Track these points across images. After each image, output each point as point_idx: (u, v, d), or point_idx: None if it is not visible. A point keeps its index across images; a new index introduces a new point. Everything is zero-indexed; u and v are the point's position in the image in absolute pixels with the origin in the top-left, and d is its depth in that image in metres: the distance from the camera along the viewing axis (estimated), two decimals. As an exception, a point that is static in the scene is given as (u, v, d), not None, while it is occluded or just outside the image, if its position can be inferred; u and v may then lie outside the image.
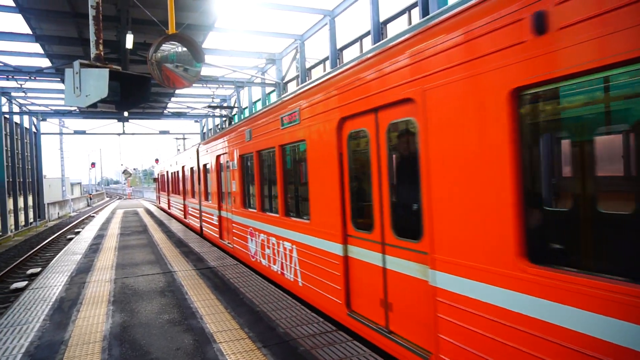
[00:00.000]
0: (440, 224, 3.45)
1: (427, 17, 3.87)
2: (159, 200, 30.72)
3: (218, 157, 11.39)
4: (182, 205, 18.72)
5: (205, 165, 13.35)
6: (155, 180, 30.70)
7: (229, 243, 10.74)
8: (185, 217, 18.26)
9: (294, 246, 6.56)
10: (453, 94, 3.26)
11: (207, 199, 13.23)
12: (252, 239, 8.67)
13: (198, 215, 14.94)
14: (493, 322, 2.95)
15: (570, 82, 2.55)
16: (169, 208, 23.51)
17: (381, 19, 12.87)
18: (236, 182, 9.61)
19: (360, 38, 14.54)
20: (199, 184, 14.28)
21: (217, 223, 11.94)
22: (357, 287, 4.86)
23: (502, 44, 2.82)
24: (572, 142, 3.19)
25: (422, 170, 3.64)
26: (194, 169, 15.14)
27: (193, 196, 15.67)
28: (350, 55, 15.27)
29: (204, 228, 14.12)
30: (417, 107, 3.69)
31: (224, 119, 29.67)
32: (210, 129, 34.82)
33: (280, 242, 7.11)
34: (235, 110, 26.43)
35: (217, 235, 11.85)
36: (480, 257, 3.06)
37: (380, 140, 4.37)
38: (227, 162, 10.44)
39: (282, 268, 7.10)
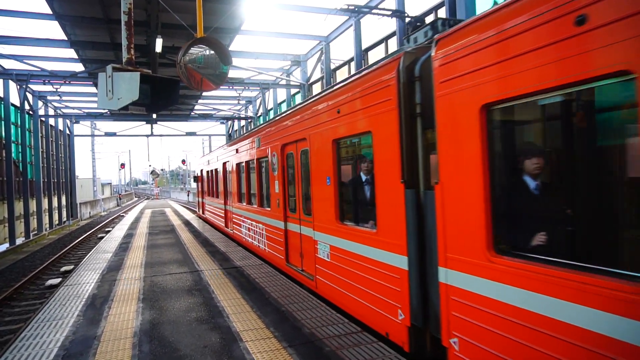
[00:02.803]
0: None
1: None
2: (202, 207, 21.99)
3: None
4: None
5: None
6: (196, 179, 24.19)
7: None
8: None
9: None
10: None
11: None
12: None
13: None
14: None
15: None
16: (232, 224, 14.20)
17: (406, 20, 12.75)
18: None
19: (386, 39, 14.47)
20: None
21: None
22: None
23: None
24: None
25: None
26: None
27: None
28: (376, 56, 15.21)
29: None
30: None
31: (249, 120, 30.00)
32: (236, 131, 35.28)
33: None
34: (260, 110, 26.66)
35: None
36: None
37: None
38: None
39: None
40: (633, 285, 2.26)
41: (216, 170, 16.60)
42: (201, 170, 21.70)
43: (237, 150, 12.46)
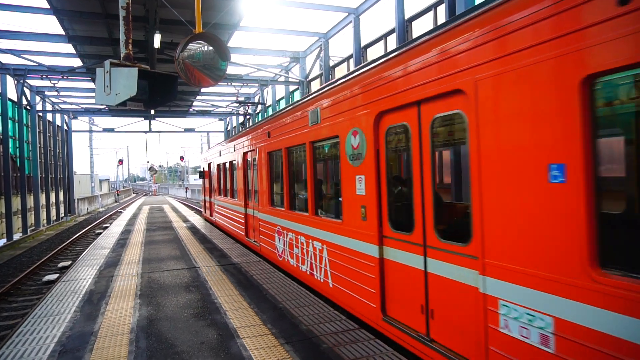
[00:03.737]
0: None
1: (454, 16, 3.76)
2: (210, 209, 18.78)
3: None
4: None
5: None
6: (202, 175, 20.27)
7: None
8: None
9: None
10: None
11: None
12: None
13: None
14: None
15: None
16: (258, 235, 10.48)
17: (406, 17, 12.73)
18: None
19: (385, 36, 14.43)
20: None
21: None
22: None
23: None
24: None
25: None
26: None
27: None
28: (374, 53, 15.18)
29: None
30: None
31: (247, 116, 29.94)
32: (234, 127, 35.20)
33: None
34: (259, 107, 26.59)
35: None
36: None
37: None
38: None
39: None
40: None
41: (231, 163, 13.31)
42: (209, 164, 18.03)
43: (268, 134, 8.93)
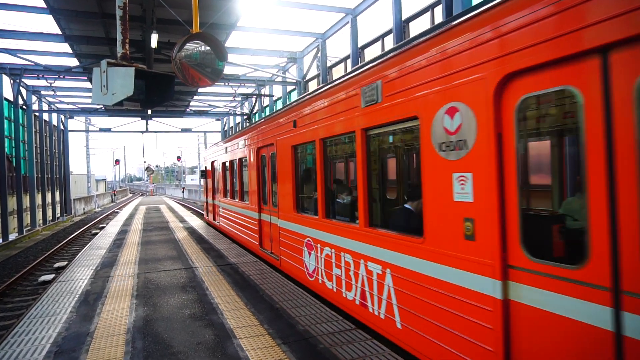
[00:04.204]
0: None
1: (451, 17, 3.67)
2: (213, 212, 16.69)
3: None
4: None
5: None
6: (204, 175, 18.44)
7: None
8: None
9: None
10: None
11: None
12: None
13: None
14: None
15: None
16: (279, 248, 8.58)
17: (403, 17, 12.76)
18: None
19: (382, 36, 14.46)
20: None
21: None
22: None
23: None
24: None
25: None
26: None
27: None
28: (372, 54, 15.20)
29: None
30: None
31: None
32: (231, 128, 35.15)
33: None
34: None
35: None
36: None
37: None
38: None
39: None
40: None
41: (241, 161, 11.57)
42: (212, 163, 16.10)
43: (294, 124, 7.31)
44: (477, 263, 3.32)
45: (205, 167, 18.08)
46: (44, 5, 13.81)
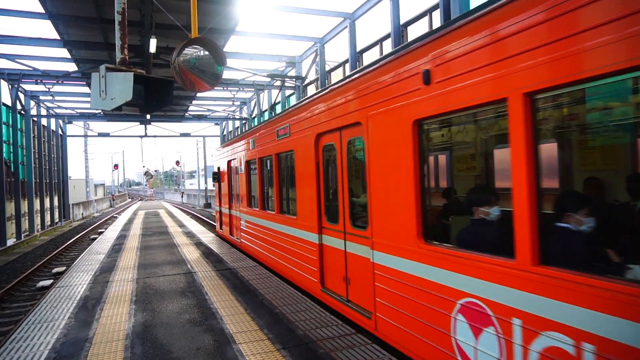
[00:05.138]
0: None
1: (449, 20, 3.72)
2: (230, 225, 13.49)
3: None
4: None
5: None
6: (217, 178, 15.26)
7: None
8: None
9: None
10: None
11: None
12: None
13: None
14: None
15: None
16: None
17: (401, 22, 12.81)
18: None
19: (381, 41, 14.50)
20: None
21: None
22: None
23: None
24: None
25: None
26: None
27: None
28: (370, 58, 15.24)
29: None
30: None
31: (243, 122, 29.94)
32: (230, 132, 35.17)
33: None
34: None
35: None
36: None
37: None
38: None
39: None
40: None
41: (278, 158, 8.57)
42: (229, 163, 13.23)
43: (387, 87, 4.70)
44: None
45: (219, 167, 14.83)
46: (43, 11, 13.81)
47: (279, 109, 22.94)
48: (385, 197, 4.69)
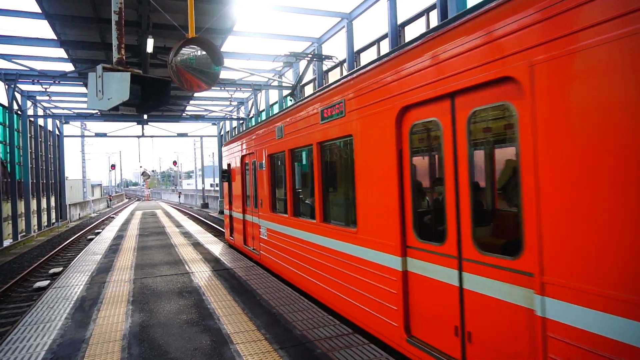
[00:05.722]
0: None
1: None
2: (244, 233, 11.36)
3: None
4: None
5: None
6: (226, 176, 13.20)
7: None
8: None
9: None
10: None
11: None
12: None
13: None
14: None
15: None
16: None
17: (399, 22, 12.83)
18: None
19: (378, 41, 14.52)
20: None
21: None
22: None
23: None
24: None
25: None
26: None
27: None
28: (367, 58, 15.25)
29: None
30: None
31: (241, 122, 29.91)
32: (228, 132, 35.13)
33: None
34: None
35: None
36: None
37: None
38: None
39: None
40: None
41: (321, 148, 6.52)
42: (242, 158, 11.42)
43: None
44: None
45: (229, 164, 12.92)
46: (39, 11, 13.78)
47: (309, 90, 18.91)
48: (579, 200, 2.68)
